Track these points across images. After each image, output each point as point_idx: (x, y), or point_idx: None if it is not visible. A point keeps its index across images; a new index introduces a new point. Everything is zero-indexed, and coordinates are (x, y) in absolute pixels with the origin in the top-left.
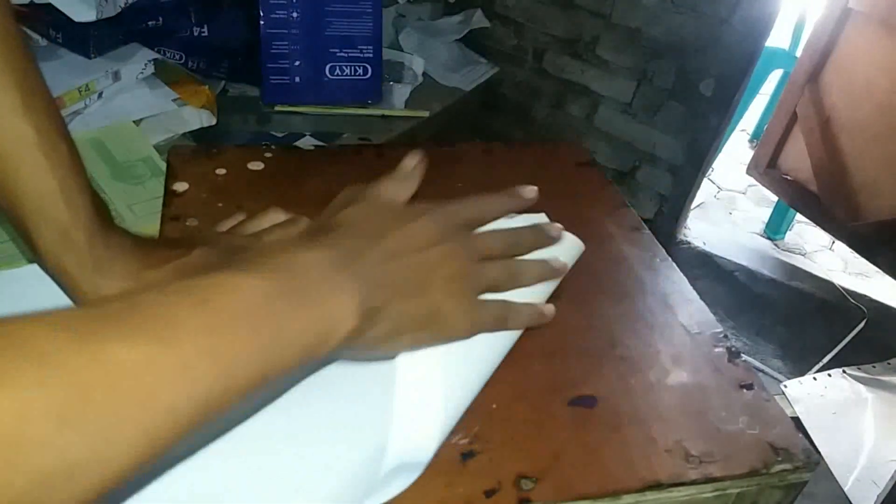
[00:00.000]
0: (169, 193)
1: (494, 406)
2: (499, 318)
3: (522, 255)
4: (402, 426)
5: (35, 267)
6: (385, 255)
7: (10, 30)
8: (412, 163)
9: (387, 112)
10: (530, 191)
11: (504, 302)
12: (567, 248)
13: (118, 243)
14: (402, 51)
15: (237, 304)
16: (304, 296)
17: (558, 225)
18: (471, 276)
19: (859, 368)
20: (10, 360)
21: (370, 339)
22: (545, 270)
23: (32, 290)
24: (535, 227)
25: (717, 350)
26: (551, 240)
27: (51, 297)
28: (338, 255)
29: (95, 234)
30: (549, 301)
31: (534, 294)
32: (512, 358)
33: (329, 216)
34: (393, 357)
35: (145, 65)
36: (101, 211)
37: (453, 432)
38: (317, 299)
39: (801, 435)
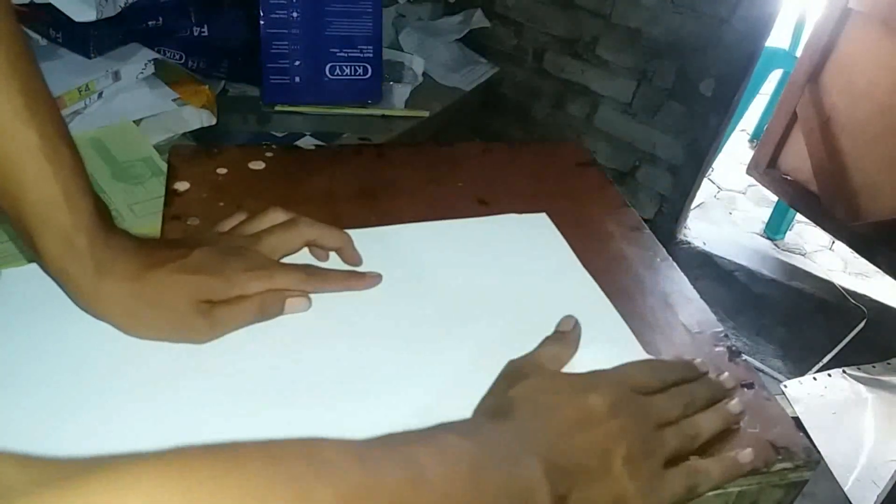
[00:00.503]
0: (170, 193)
1: None
2: (690, 488)
3: (700, 410)
4: None
5: (35, 266)
6: (561, 431)
7: (14, 34)
8: (569, 325)
9: (387, 112)
10: (703, 365)
11: (690, 469)
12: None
13: (119, 245)
14: (402, 51)
15: (465, 462)
16: (503, 466)
17: (727, 375)
18: (652, 450)
19: (859, 368)
20: (313, 475)
21: None
22: (725, 420)
23: (32, 289)
24: (707, 381)
25: (717, 349)
26: (727, 392)
27: (51, 296)
28: (520, 433)
29: (97, 237)
30: None
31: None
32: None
33: (502, 392)
34: None
35: (145, 65)
36: (102, 213)
37: None
38: (515, 474)
39: (801, 434)
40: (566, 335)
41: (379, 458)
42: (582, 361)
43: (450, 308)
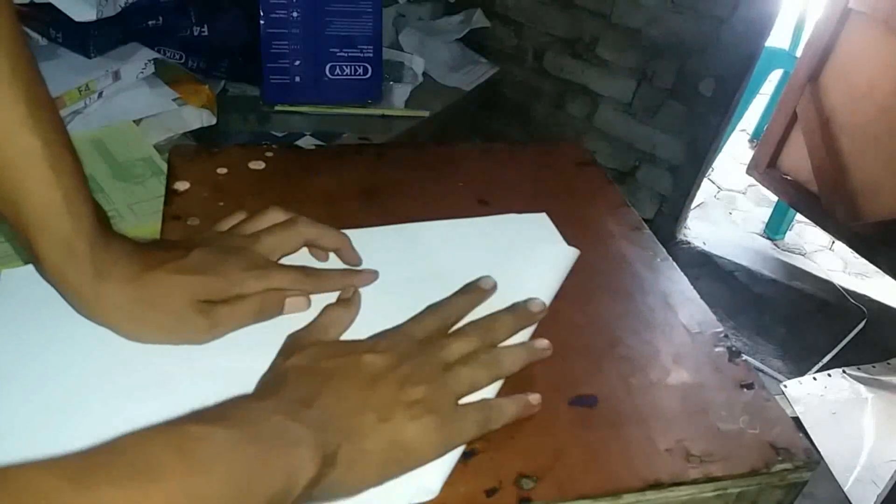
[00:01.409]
0: (170, 192)
1: None
2: (480, 422)
3: (504, 340)
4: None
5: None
6: (337, 396)
7: (16, 40)
8: (349, 292)
9: (387, 112)
10: (486, 282)
11: (482, 404)
12: (560, 260)
13: (118, 249)
14: (402, 50)
15: (210, 451)
16: (264, 446)
17: (539, 300)
18: (437, 391)
19: (859, 368)
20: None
21: (334, 484)
22: (528, 353)
23: (32, 290)
24: (512, 308)
25: (717, 349)
26: (534, 317)
27: (50, 297)
28: (288, 405)
29: (96, 242)
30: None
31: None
32: None
33: (277, 366)
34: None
35: (145, 64)
36: (101, 219)
37: None
38: (275, 450)
39: (801, 434)
40: (346, 301)
41: (99, 472)
42: None
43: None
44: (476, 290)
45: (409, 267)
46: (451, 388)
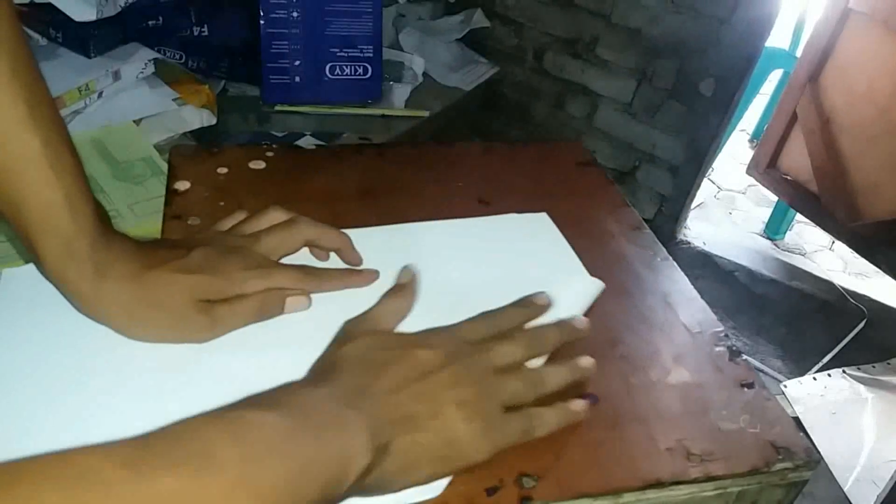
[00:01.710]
0: (171, 192)
1: None
2: (524, 432)
3: (548, 353)
4: None
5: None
6: (391, 387)
7: (16, 41)
8: (406, 279)
9: (387, 112)
10: (541, 298)
11: (527, 413)
12: (586, 293)
13: (119, 248)
14: (402, 50)
15: (266, 438)
16: (320, 433)
17: (583, 318)
18: (485, 395)
19: (859, 368)
20: (80, 490)
21: (386, 474)
22: (571, 373)
23: (33, 289)
24: (560, 324)
25: (717, 349)
26: (579, 334)
27: (51, 296)
28: (343, 393)
29: (97, 241)
30: None
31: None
32: None
33: (331, 354)
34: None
35: (145, 64)
36: (102, 218)
37: None
38: (331, 437)
39: (801, 434)
40: (404, 287)
41: (156, 460)
42: None
43: (450, 308)
44: (531, 305)
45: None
46: (498, 395)
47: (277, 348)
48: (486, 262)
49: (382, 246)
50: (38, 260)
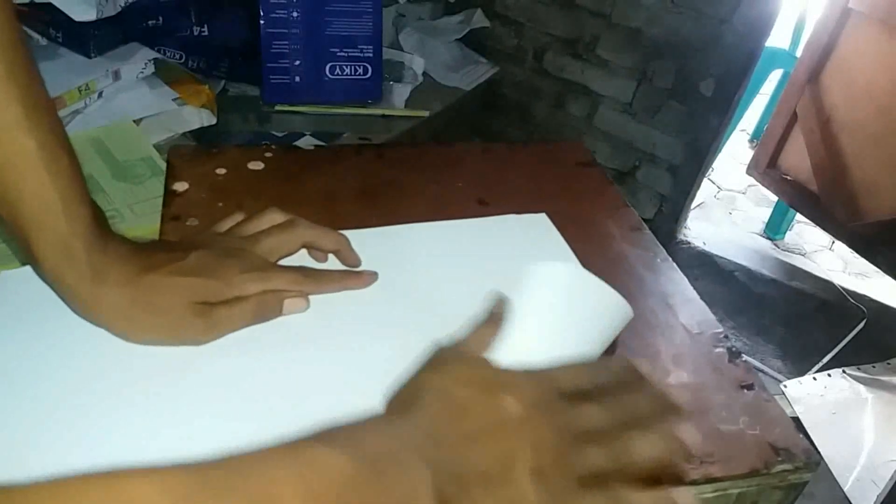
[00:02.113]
0: (169, 193)
1: None
2: None
3: (637, 426)
4: None
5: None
6: (467, 434)
7: (13, 42)
8: (499, 309)
9: (387, 112)
10: (643, 363)
11: (612, 495)
12: (612, 320)
13: (116, 251)
14: (402, 50)
15: (333, 482)
16: (385, 481)
17: (678, 400)
18: (567, 464)
19: (859, 368)
20: None
21: None
22: (668, 446)
23: (29, 291)
24: (655, 395)
25: (717, 350)
26: (675, 409)
27: (47, 298)
28: (418, 438)
29: (94, 244)
30: None
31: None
32: None
33: (417, 380)
34: None
35: (145, 64)
36: (99, 220)
37: None
38: (395, 485)
39: (801, 435)
40: (497, 316)
41: (212, 492)
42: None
43: (450, 308)
44: (636, 373)
45: (409, 268)
46: (578, 465)
47: (275, 351)
48: (485, 263)
49: (381, 247)
50: (35, 261)
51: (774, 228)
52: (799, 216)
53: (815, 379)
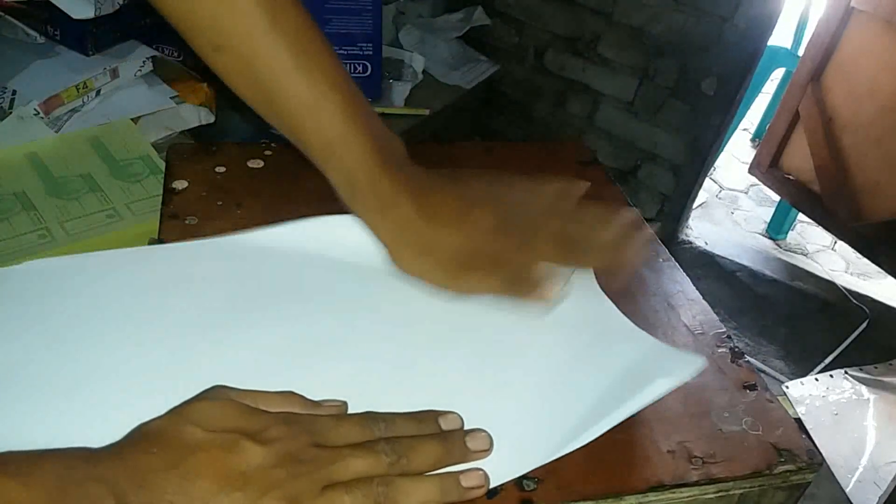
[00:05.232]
0: (168, 191)
1: None
2: None
3: (419, 473)
4: None
5: (34, 264)
6: (182, 490)
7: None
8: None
9: (387, 110)
10: (451, 421)
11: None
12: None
13: (399, 183)
14: (402, 48)
15: None
16: None
17: (485, 435)
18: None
19: (861, 369)
20: None
21: None
22: (441, 494)
23: (27, 289)
24: (443, 437)
25: (720, 350)
26: (470, 457)
27: (43, 296)
28: (111, 468)
29: (377, 176)
30: None
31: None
32: None
33: (161, 416)
34: None
35: (144, 62)
36: (384, 150)
37: None
38: None
39: (803, 436)
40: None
41: None
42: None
43: (449, 309)
44: (431, 423)
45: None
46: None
47: (274, 355)
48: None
49: (382, 246)
50: (334, 187)
51: (776, 228)
52: (801, 216)
53: (817, 380)
